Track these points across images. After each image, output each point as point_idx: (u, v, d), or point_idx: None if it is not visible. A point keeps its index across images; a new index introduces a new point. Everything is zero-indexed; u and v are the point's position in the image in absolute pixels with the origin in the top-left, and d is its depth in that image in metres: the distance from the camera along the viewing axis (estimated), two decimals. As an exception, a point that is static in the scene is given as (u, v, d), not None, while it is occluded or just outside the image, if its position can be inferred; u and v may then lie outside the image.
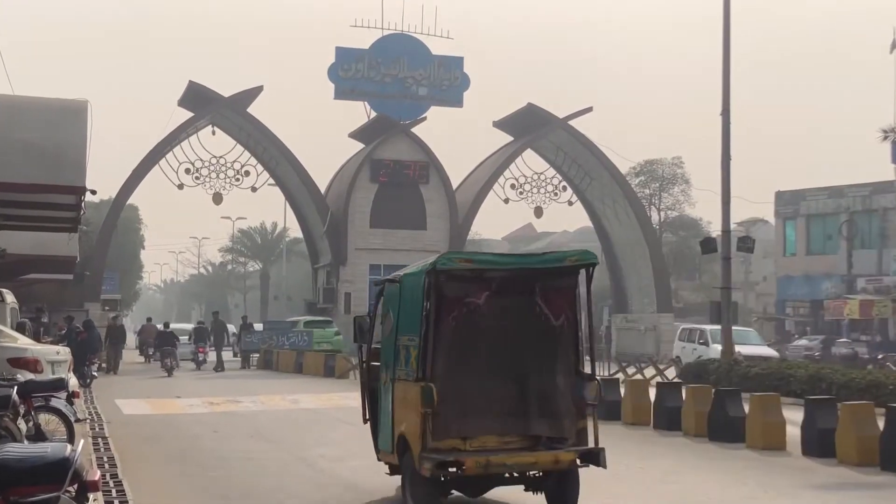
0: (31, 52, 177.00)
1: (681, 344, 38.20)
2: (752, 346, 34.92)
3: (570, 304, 10.93)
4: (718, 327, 38.58)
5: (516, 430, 10.65)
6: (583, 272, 10.88)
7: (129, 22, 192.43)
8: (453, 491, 10.71)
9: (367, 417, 12.31)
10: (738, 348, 31.99)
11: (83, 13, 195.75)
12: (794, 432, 15.66)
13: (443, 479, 10.12)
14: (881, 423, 14.03)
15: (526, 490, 10.76)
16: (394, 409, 11.07)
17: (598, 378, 10.96)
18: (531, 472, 10.52)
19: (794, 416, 16.20)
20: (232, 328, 56.39)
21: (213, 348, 41.18)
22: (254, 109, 50.25)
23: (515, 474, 10.54)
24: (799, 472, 13.72)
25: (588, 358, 11.10)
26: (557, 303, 10.86)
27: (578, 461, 10.33)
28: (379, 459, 12.01)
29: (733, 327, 32.58)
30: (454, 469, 9.91)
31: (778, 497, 11.68)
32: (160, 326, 43.25)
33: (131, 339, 50.11)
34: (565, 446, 10.58)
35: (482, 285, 10.72)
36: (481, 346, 10.69)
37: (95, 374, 31.10)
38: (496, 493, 11.11)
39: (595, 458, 10.40)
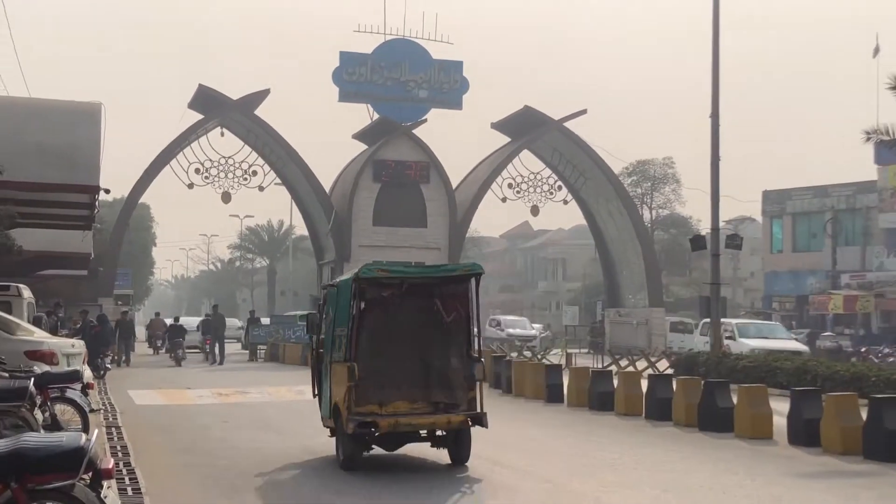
0: (47, 56, 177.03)
1: (703, 339, 34.93)
2: (780, 340, 33.22)
3: (463, 304, 13.40)
4: (745, 321, 38.02)
5: (421, 399, 13.23)
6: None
7: (141, 27, 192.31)
8: (374, 446, 12.88)
9: (316, 393, 14.52)
10: (764, 342, 31.39)
11: (97, 17, 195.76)
12: (780, 422, 15.67)
13: (365, 437, 12.51)
14: (864, 414, 14.04)
15: (432, 446, 13.10)
16: (331, 384, 13.50)
17: (482, 359, 13.44)
18: (436, 431, 12.89)
19: (780, 407, 16.21)
20: (238, 322, 56.43)
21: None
22: (261, 112, 50.25)
23: (424, 433, 12.97)
24: (785, 460, 13.73)
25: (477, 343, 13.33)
26: (451, 303, 13.51)
27: (469, 422, 12.70)
28: (324, 426, 13.97)
29: (758, 321, 32.16)
30: (372, 428, 12.34)
31: (766, 484, 11.69)
32: (169, 321, 43.42)
33: (141, 333, 50.13)
34: (458, 411, 13.03)
35: (395, 290, 13.58)
36: (394, 335, 13.46)
37: (109, 366, 31.12)
38: (412, 449, 13.40)
39: (480, 419, 12.77)
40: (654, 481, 11.88)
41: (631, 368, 28.13)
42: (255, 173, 51.32)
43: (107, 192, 20.45)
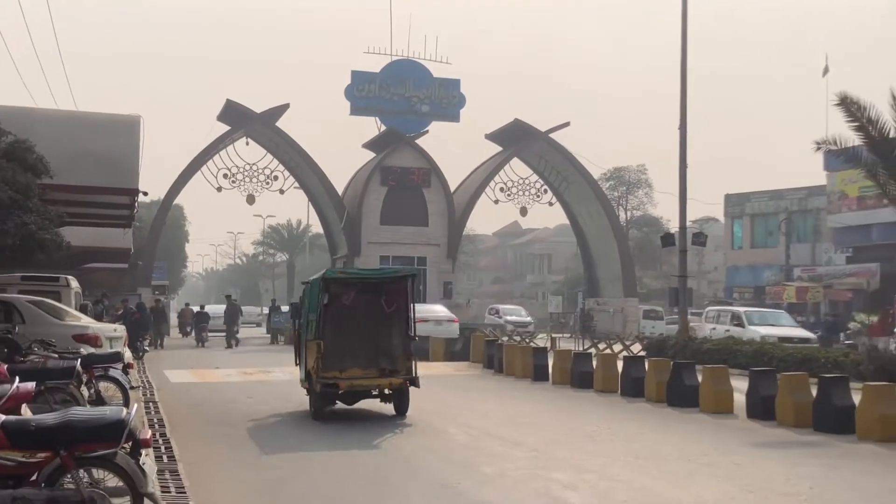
0: (92, 72, 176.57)
1: (709, 325, 32.73)
2: (787, 328, 31.11)
3: (402, 298, 15.85)
4: (753, 308, 36.91)
5: (371, 367, 15.67)
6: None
7: (174, 48, 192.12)
8: (337, 402, 15.46)
9: (297, 362, 16.97)
10: (773, 329, 29.68)
11: (136, 36, 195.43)
12: (740, 399, 15.69)
13: (330, 395, 15.04)
14: (814, 391, 14.06)
15: (381, 401, 15.59)
16: (305, 357, 15.93)
17: (416, 338, 15.96)
18: (384, 390, 15.38)
19: (740, 385, 16.21)
20: (258, 310, 56.38)
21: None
22: (281, 123, 50.22)
23: (375, 392, 15.43)
24: (745, 432, 13.75)
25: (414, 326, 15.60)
26: (394, 297, 15.92)
27: (407, 383, 15.25)
28: (301, 387, 16.40)
29: (765, 309, 31.39)
30: (335, 388, 14.95)
31: (727, 453, 11.71)
32: (196, 308, 43.55)
33: (174, 320, 50.14)
34: (398, 375, 15.49)
35: (352, 287, 16.05)
36: (351, 320, 15.69)
37: (147, 348, 31.10)
38: (367, 405, 15.74)
39: (415, 382, 15.30)
40: (629, 450, 11.89)
41: (608, 351, 28.10)
42: (276, 178, 51.36)
43: (145, 194, 20.51)
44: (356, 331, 15.85)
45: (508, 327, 42.77)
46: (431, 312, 31.89)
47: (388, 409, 15.63)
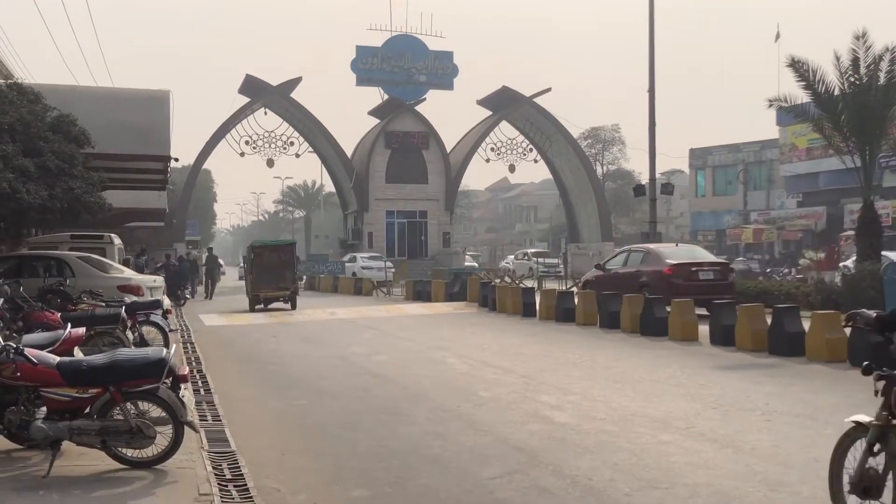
0: (126, 51, 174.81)
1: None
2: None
3: (290, 254, 27.15)
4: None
5: (276, 288, 26.12)
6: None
7: (199, 27, 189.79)
8: (263, 304, 26.13)
9: (245, 286, 27.88)
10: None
11: (165, 19, 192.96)
12: (703, 329, 15.74)
13: (257, 301, 26.03)
14: (769, 320, 14.11)
15: (283, 303, 26.00)
16: (248, 283, 27.17)
17: (297, 272, 28.41)
18: (282, 297, 25.90)
19: (704, 316, 16.26)
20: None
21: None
22: (296, 95, 49.88)
23: (281, 300, 26.00)
24: (708, 357, 13.81)
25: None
26: (285, 253, 27.02)
27: (293, 294, 26.14)
28: (247, 296, 26.89)
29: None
30: (258, 297, 25.99)
31: (693, 375, 11.78)
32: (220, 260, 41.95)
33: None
34: (287, 290, 26.12)
35: (265, 248, 27.34)
36: (266, 266, 26.32)
37: (188, 296, 30.98)
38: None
39: (296, 293, 26.62)
40: (607, 374, 11.97)
41: (589, 290, 28.12)
42: (292, 143, 51.17)
43: (176, 160, 20.39)
44: (267, 270, 26.39)
45: (540, 269, 43.08)
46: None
47: (400, 353, 15.80)
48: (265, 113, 50.50)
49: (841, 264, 29.72)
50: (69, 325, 8.57)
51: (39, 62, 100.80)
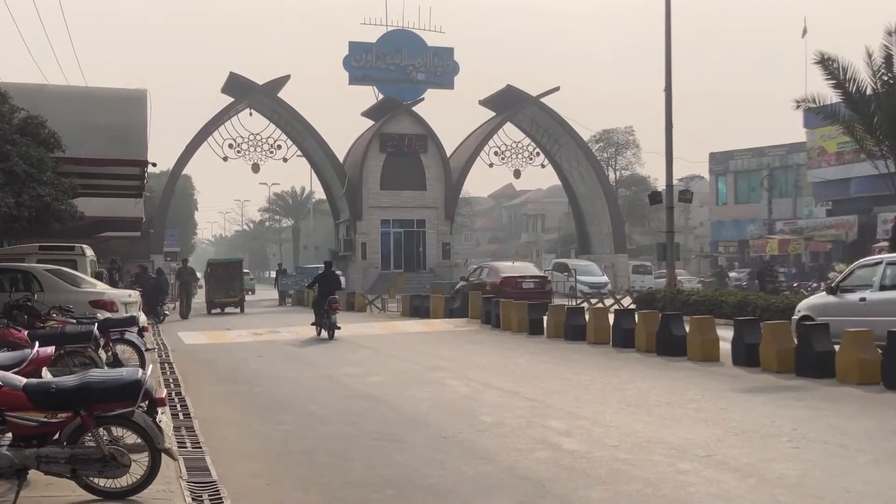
0: (99, 50, 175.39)
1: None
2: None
3: (239, 270, 37.00)
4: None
5: (227, 295, 35.35)
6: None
7: (178, 23, 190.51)
8: (219, 309, 35.08)
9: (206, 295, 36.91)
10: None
11: (140, 14, 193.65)
12: (725, 347, 15.73)
13: (213, 307, 35.20)
14: (796, 339, 14.08)
15: (234, 308, 35.43)
16: (206, 291, 36.69)
17: (244, 281, 39.21)
18: (232, 303, 35.46)
19: (725, 334, 16.25)
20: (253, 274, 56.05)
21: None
22: (283, 94, 50.06)
23: (231, 305, 35.44)
24: (730, 378, 13.80)
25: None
26: (234, 269, 36.76)
27: (242, 300, 35.99)
28: (206, 302, 35.73)
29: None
30: (213, 302, 35.47)
31: (713, 398, 11.76)
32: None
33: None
34: (237, 297, 35.69)
35: (218, 265, 37.50)
36: (220, 278, 35.80)
37: (167, 312, 30.85)
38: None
39: (243, 300, 36.28)
40: (620, 398, 11.95)
41: (600, 304, 28.18)
42: (279, 147, 51.31)
43: (154, 165, 20.40)
44: (220, 282, 35.71)
45: (583, 289, 36.22)
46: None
47: (396, 374, 15.92)
48: (250, 114, 50.66)
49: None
50: (37, 343, 8.56)
51: (4, 59, 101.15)
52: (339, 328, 22.05)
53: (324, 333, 22.13)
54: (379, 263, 49.48)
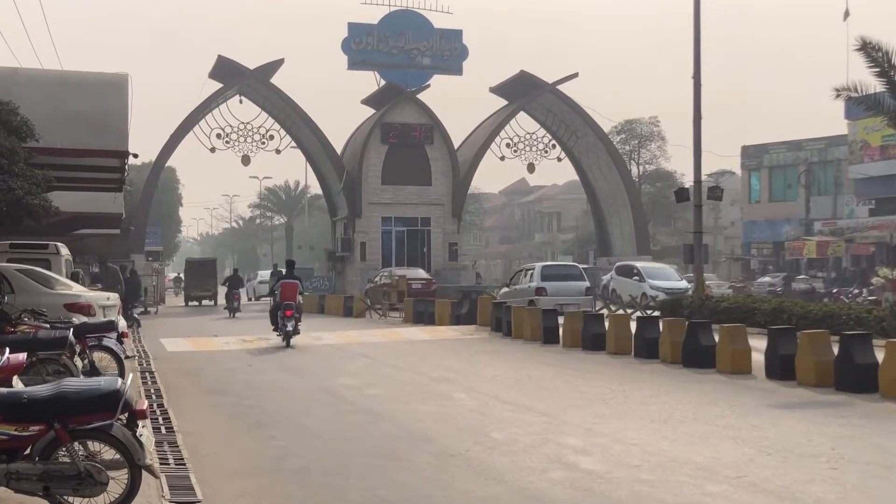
0: (77, 31, 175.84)
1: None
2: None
3: (213, 268, 50.94)
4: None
5: (203, 290, 48.45)
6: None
7: (162, 3, 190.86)
8: (196, 301, 48.28)
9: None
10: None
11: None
12: (758, 358, 15.72)
13: (190, 299, 49.30)
14: (836, 349, 14.08)
15: (208, 300, 48.12)
16: (184, 287, 52.52)
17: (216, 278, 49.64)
18: (206, 297, 48.57)
19: (758, 345, 16.24)
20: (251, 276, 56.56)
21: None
22: (276, 80, 50.07)
23: (206, 298, 48.57)
24: (763, 392, 13.80)
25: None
26: (209, 266, 51.02)
27: (211, 294, 48.67)
28: (184, 296, 50.61)
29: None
30: (190, 296, 49.29)
31: (745, 415, 11.75)
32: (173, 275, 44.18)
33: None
34: (210, 291, 48.32)
35: (196, 263, 52.58)
36: (197, 275, 49.30)
37: (136, 316, 30.86)
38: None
39: (216, 293, 47.71)
40: (643, 413, 11.95)
41: (621, 311, 28.17)
42: (271, 137, 51.33)
43: (135, 156, 20.43)
44: (196, 278, 48.10)
45: (658, 295, 31.97)
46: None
47: (397, 385, 16.02)
48: (240, 101, 50.69)
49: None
50: (7, 350, 8.58)
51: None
52: (297, 333, 22.56)
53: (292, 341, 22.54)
54: (379, 265, 49.42)
